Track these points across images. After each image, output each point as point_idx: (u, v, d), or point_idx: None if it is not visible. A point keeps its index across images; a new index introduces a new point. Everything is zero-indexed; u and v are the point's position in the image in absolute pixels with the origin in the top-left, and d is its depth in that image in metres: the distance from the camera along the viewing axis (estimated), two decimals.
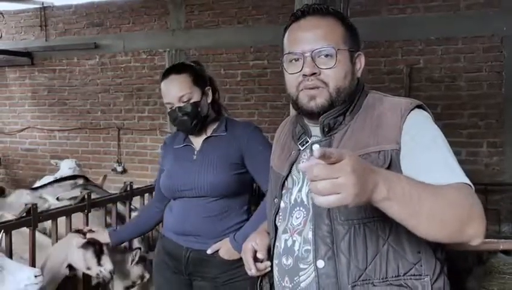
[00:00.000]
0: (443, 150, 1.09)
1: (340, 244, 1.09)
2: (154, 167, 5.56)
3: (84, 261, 2.18)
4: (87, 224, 2.54)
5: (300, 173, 1.22)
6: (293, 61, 1.19)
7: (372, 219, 1.08)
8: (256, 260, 1.31)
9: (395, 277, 1.07)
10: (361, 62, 1.22)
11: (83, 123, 6.41)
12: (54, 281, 2.25)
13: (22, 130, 6.73)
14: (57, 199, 3.49)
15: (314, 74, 1.15)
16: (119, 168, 6.17)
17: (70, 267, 2.25)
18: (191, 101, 1.82)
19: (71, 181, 3.89)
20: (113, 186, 5.50)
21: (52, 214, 2.45)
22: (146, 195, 3.19)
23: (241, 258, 1.74)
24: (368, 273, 1.08)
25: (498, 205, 4.54)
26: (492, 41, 4.60)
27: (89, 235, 2.15)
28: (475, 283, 3.39)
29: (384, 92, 1.26)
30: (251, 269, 1.31)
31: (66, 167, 4.45)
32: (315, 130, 1.23)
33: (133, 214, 2.96)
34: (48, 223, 2.54)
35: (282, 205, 1.26)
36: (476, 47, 4.65)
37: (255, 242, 1.33)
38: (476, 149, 4.69)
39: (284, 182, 1.26)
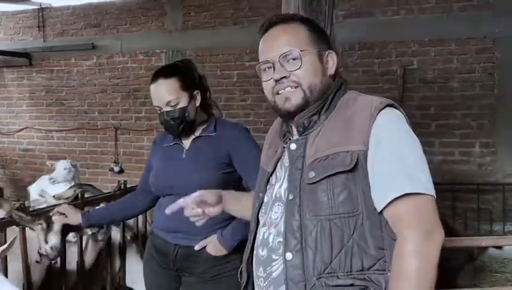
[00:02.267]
0: (404, 157, 1.12)
1: (307, 238, 1.14)
2: None
3: (38, 243, 2.20)
4: None
5: (283, 170, 1.27)
6: (266, 69, 1.27)
7: (338, 216, 1.13)
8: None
9: (359, 271, 1.11)
10: (333, 60, 1.26)
11: (81, 123, 6.45)
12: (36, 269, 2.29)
13: (20, 130, 6.77)
14: (53, 197, 3.54)
15: (284, 77, 1.23)
16: (117, 168, 6.21)
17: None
18: (179, 106, 1.84)
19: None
20: (110, 186, 5.53)
21: (45, 212, 2.48)
22: None
23: (228, 255, 1.81)
24: (332, 267, 1.12)
25: (490, 204, 4.60)
26: (484, 43, 4.66)
27: (60, 219, 2.17)
28: (466, 281, 3.43)
29: (378, 93, 1.30)
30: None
31: (62, 168, 4.49)
32: (295, 130, 1.27)
33: None
34: None
35: (265, 199, 1.31)
36: (469, 48, 4.71)
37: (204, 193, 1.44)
38: (468, 149, 4.75)
39: (269, 178, 1.31)
